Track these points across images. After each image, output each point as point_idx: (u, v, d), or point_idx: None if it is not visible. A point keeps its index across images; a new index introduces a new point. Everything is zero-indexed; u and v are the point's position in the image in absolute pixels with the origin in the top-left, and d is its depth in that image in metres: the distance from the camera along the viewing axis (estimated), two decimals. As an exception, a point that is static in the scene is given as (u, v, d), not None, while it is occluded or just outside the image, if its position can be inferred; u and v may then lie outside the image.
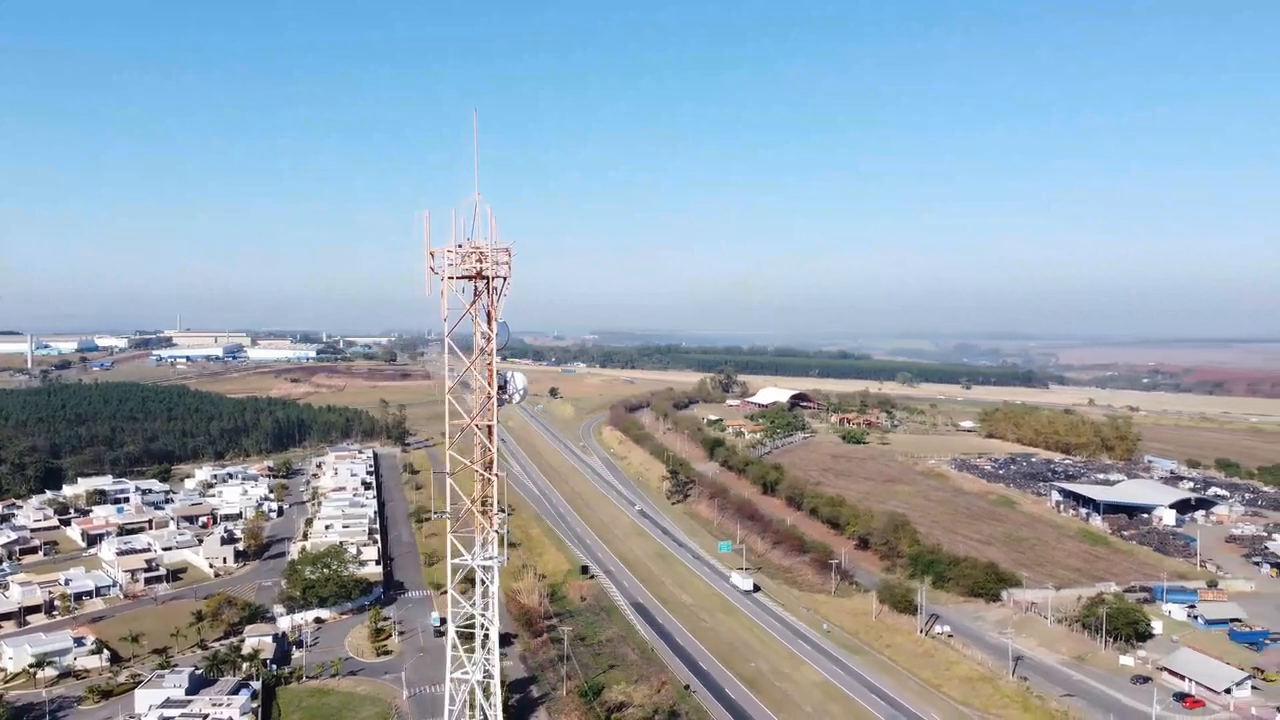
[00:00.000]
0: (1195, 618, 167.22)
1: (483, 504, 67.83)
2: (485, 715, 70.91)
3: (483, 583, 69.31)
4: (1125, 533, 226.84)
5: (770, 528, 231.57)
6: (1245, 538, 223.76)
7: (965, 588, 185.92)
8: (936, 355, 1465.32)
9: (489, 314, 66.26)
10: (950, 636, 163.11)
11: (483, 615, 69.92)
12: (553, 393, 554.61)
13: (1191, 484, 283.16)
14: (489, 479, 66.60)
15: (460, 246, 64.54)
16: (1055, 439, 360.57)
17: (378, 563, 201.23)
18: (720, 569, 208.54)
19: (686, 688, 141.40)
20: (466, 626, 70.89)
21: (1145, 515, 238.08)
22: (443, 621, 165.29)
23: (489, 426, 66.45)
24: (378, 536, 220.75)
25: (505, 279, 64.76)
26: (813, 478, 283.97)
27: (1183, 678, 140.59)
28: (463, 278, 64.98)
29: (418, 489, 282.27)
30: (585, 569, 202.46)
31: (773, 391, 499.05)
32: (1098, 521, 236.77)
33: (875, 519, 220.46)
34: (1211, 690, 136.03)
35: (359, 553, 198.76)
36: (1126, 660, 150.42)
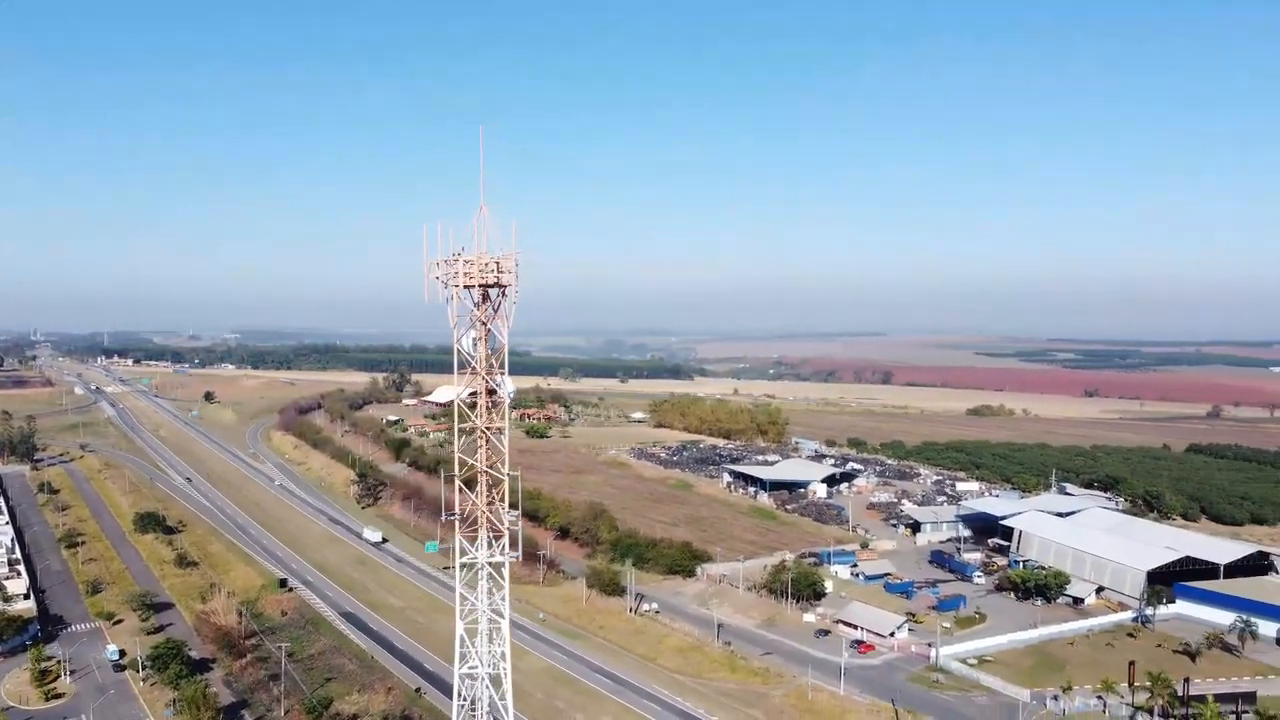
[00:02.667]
0: (857, 575, 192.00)
1: (491, 504, 67.75)
2: (499, 708, 71.01)
3: (493, 579, 69.16)
4: (788, 507, 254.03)
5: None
6: (881, 504, 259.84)
7: (664, 567, 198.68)
8: (588, 351, 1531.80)
9: (484, 322, 65.18)
10: (657, 613, 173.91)
11: (493, 610, 69.71)
12: (208, 397, 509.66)
13: (833, 460, 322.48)
14: (499, 479, 66.51)
15: (457, 256, 63.67)
16: (717, 426, 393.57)
17: (27, 596, 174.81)
18: (423, 568, 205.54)
19: (417, 690, 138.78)
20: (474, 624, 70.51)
21: (802, 490, 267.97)
22: (123, 654, 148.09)
23: (498, 429, 66.38)
24: (21, 568, 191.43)
25: (509, 287, 64.18)
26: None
27: (855, 627, 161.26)
28: (473, 287, 64.03)
29: (62, 510, 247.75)
30: (283, 582, 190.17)
31: (451, 390, 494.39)
32: (765, 498, 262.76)
33: (575, 509, 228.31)
34: (879, 634, 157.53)
35: (2, 588, 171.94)
36: (809, 617, 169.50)
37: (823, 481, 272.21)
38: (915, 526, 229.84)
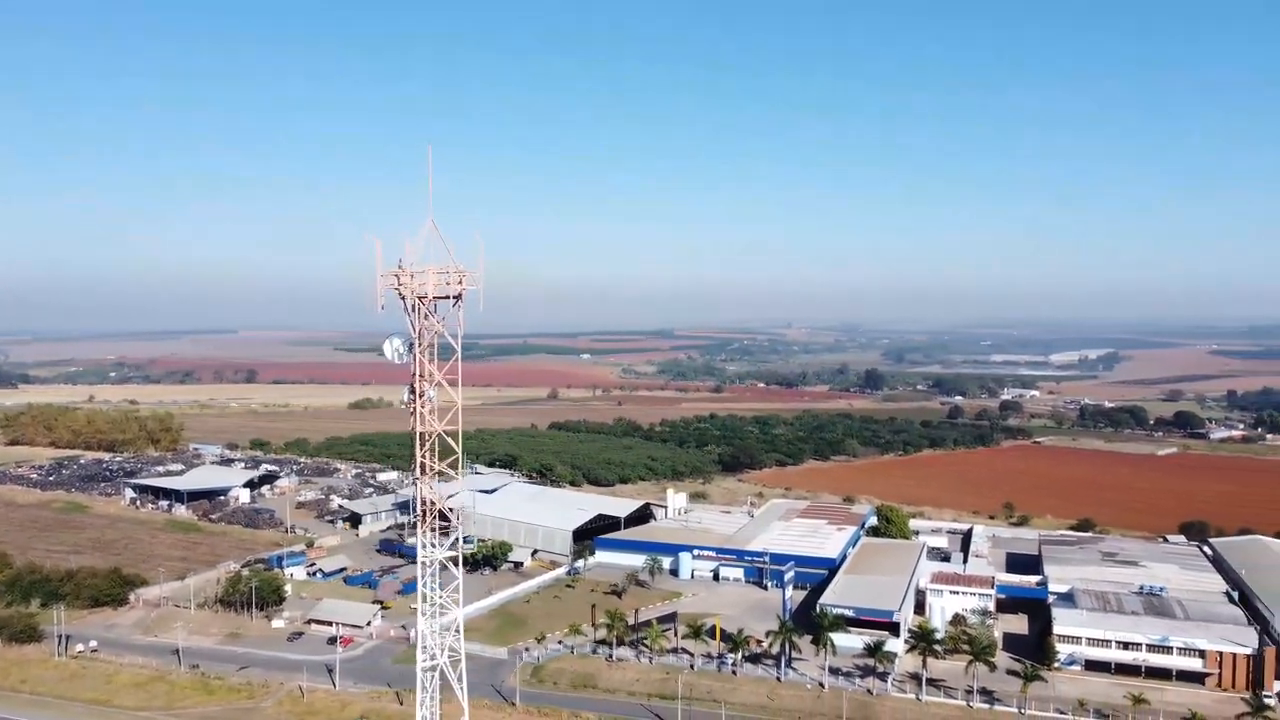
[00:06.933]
0: (315, 574, 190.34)
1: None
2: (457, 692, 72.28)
3: (446, 571, 71.93)
4: (212, 516, 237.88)
5: None
6: (311, 502, 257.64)
7: (88, 599, 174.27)
8: None
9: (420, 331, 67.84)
10: (95, 651, 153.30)
11: (449, 600, 73.04)
12: None
13: (244, 464, 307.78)
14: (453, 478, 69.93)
15: (399, 268, 67.52)
16: (98, 438, 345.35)
17: None
18: None
19: None
20: None
21: (223, 497, 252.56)
22: None
23: (452, 432, 69.60)
24: None
25: (462, 297, 66.63)
26: None
27: (330, 623, 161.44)
28: (437, 298, 68.00)
29: None
30: None
31: None
32: (182, 511, 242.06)
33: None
34: (356, 626, 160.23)
35: None
36: (278, 623, 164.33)
37: (244, 486, 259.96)
38: (355, 519, 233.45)
